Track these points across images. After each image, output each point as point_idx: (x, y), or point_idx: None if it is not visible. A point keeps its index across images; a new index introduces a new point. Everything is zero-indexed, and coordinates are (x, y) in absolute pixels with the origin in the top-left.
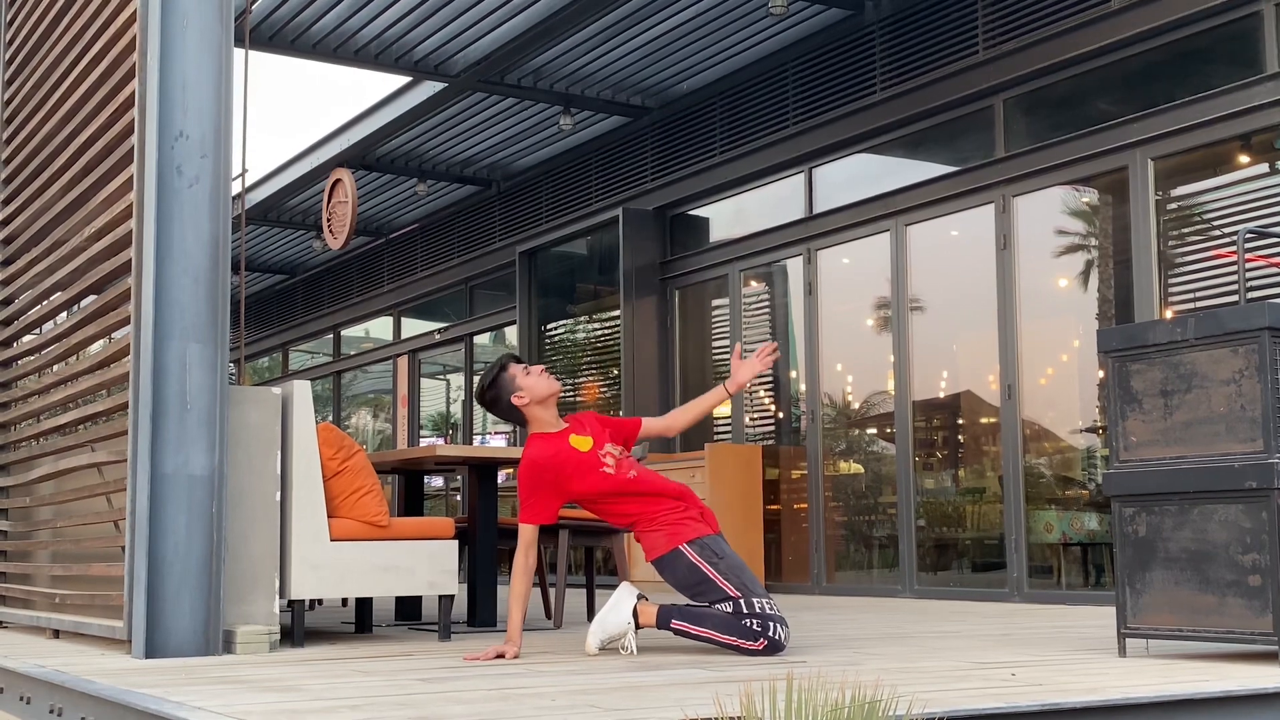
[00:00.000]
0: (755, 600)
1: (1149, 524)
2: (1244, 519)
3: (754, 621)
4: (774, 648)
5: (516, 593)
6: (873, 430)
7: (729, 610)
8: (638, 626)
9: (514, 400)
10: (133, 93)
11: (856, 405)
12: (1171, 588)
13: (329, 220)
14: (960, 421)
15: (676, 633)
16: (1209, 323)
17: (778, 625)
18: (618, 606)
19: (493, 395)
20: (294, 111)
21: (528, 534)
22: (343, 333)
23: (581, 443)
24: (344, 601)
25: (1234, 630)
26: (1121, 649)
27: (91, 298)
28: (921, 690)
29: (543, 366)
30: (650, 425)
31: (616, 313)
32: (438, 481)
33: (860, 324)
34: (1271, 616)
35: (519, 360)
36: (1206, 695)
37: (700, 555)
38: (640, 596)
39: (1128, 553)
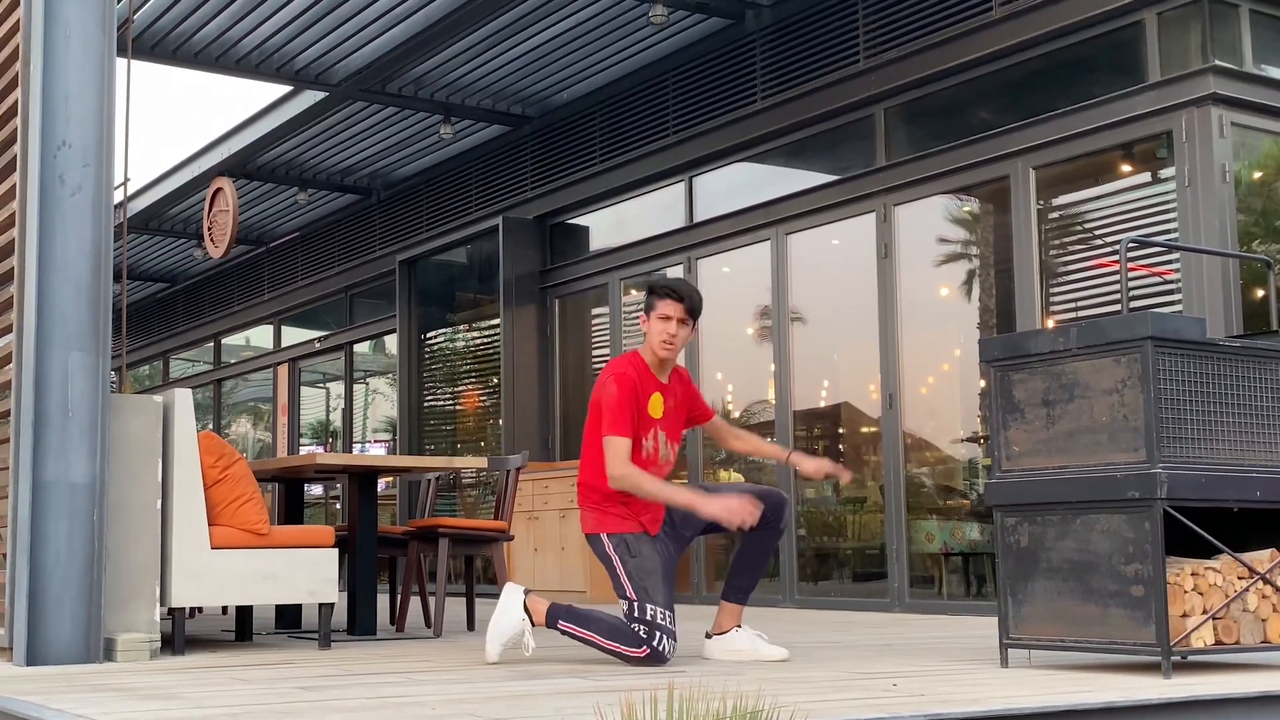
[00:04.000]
0: (649, 607)
1: (1031, 534)
2: (1126, 529)
3: (641, 628)
4: (655, 658)
5: (665, 490)
6: None
7: (622, 611)
8: (533, 623)
9: (643, 323)
10: (15, 101)
11: (737, 414)
12: (1054, 598)
13: (210, 229)
14: (841, 431)
15: (562, 633)
16: (1091, 332)
17: (665, 637)
18: (507, 610)
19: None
20: (175, 120)
21: (626, 448)
22: (223, 341)
23: (655, 407)
24: (224, 609)
25: (1117, 640)
26: (1004, 659)
27: None
28: (803, 700)
29: (671, 333)
30: (714, 427)
31: (496, 321)
32: (317, 489)
33: (741, 333)
34: (1154, 627)
35: (677, 300)
36: (1090, 706)
37: (615, 549)
38: (526, 592)
39: (1010, 563)
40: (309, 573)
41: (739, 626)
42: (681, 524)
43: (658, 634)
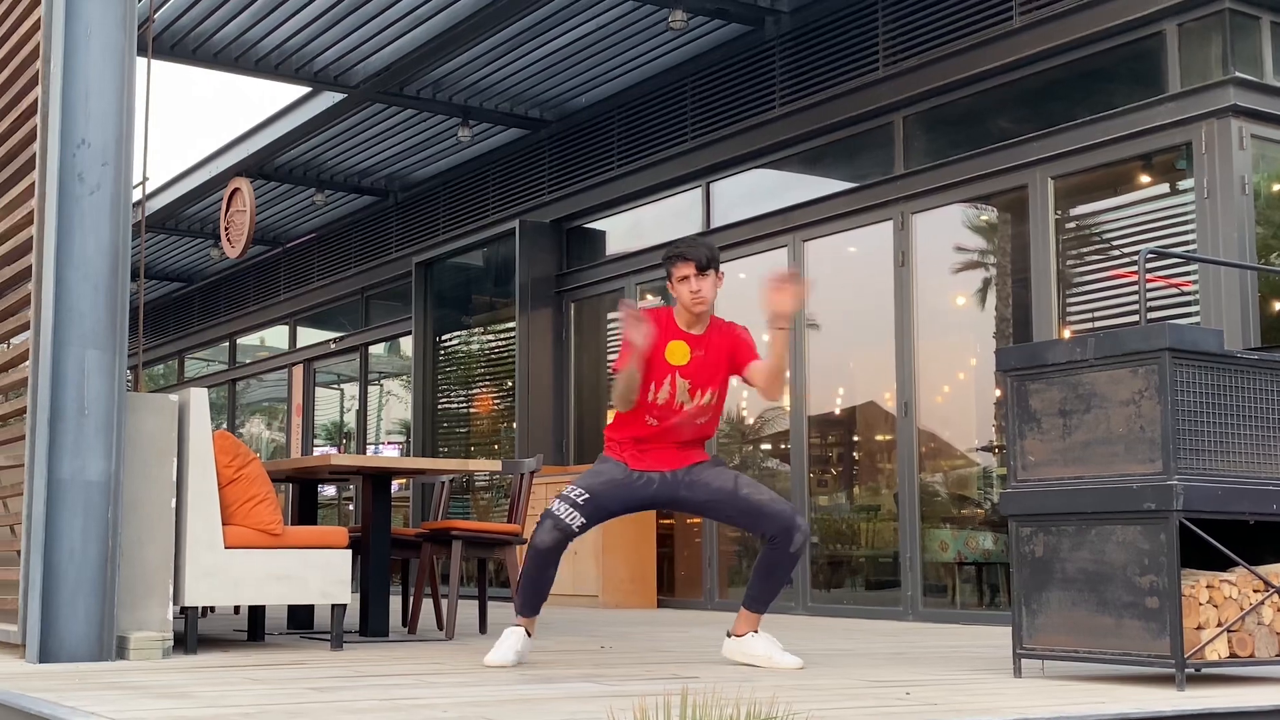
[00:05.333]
0: (569, 489)
1: (1046, 544)
2: (1142, 540)
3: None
4: (543, 515)
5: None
6: (767, 446)
7: None
8: (528, 632)
9: (671, 289)
10: (35, 100)
11: (751, 421)
12: (1068, 608)
13: (227, 229)
14: (856, 439)
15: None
16: (1109, 343)
17: (560, 503)
18: (502, 644)
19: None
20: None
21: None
22: (238, 341)
23: (675, 353)
24: (236, 609)
25: (1131, 652)
26: (1017, 669)
27: None
28: (816, 708)
29: (694, 289)
30: (750, 372)
31: (512, 325)
32: (330, 490)
33: (756, 339)
34: (1169, 639)
35: (686, 260)
36: (1103, 717)
37: (592, 465)
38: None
39: (1024, 573)
40: (322, 573)
41: (755, 632)
42: (674, 485)
43: (555, 501)
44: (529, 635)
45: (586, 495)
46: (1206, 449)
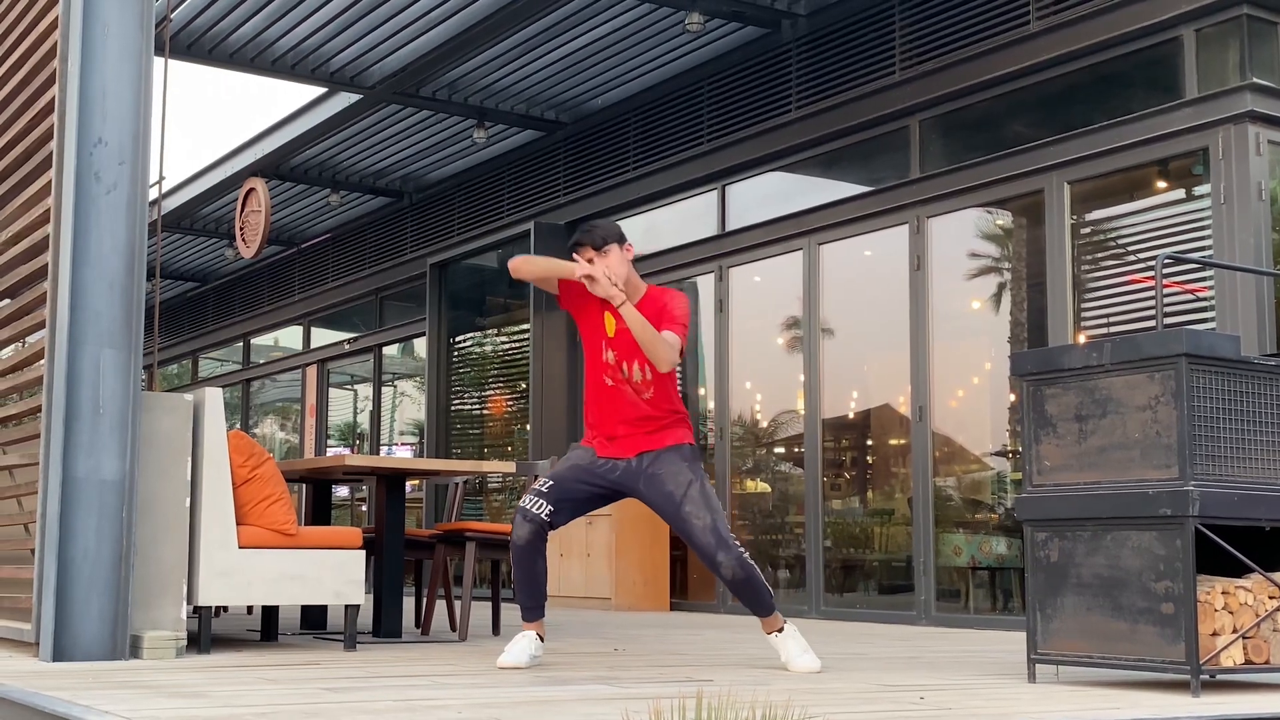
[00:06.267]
0: (538, 480)
1: (1061, 549)
2: (1158, 546)
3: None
4: (517, 511)
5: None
6: (781, 449)
7: None
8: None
9: (625, 249)
10: (53, 98)
11: (765, 424)
12: (1083, 614)
13: (242, 229)
14: (870, 442)
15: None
16: (1126, 348)
17: (528, 497)
18: (514, 646)
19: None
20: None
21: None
22: (252, 341)
23: (609, 325)
24: (250, 609)
25: (1146, 658)
26: (1031, 674)
27: (6, 301)
28: (831, 711)
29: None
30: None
31: (526, 326)
32: (344, 491)
33: (770, 342)
34: (1184, 645)
35: (580, 247)
36: None
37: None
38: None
39: (1039, 578)
40: (335, 574)
41: (780, 630)
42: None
43: (528, 496)
44: (540, 639)
45: (550, 483)
46: (1222, 455)
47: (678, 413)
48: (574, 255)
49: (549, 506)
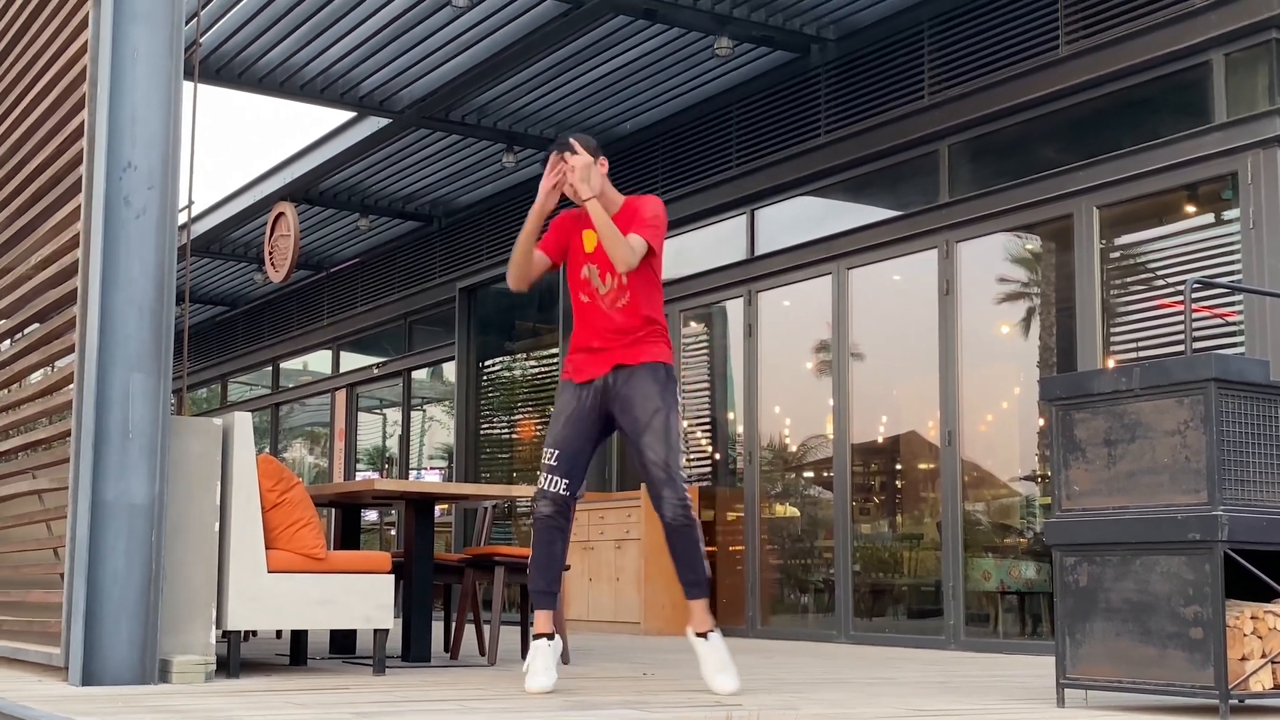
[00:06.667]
0: (545, 450)
1: (1090, 574)
2: (1186, 571)
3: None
4: (538, 495)
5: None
6: (810, 474)
7: None
8: (549, 637)
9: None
10: (82, 123)
11: (794, 448)
12: (1112, 639)
13: (271, 253)
14: (899, 467)
15: (534, 593)
16: (1155, 373)
17: (544, 475)
18: (534, 666)
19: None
20: (238, 144)
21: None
22: (281, 365)
23: (588, 241)
24: (278, 633)
25: (1175, 683)
26: (1060, 699)
27: (35, 325)
28: None
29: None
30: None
31: (555, 351)
32: (373, 515)
33: (800, 366)
34: (1213, 669)
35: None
36: None
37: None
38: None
39: (1068, 602)
40: (365, 598)
41: (708, 635)
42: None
43: (541, 474)
44: (550, 640)
45: (555, 452)
46: (1251, 479)
47: (655, 323)
48: (546, 166)
49: (564, 480)
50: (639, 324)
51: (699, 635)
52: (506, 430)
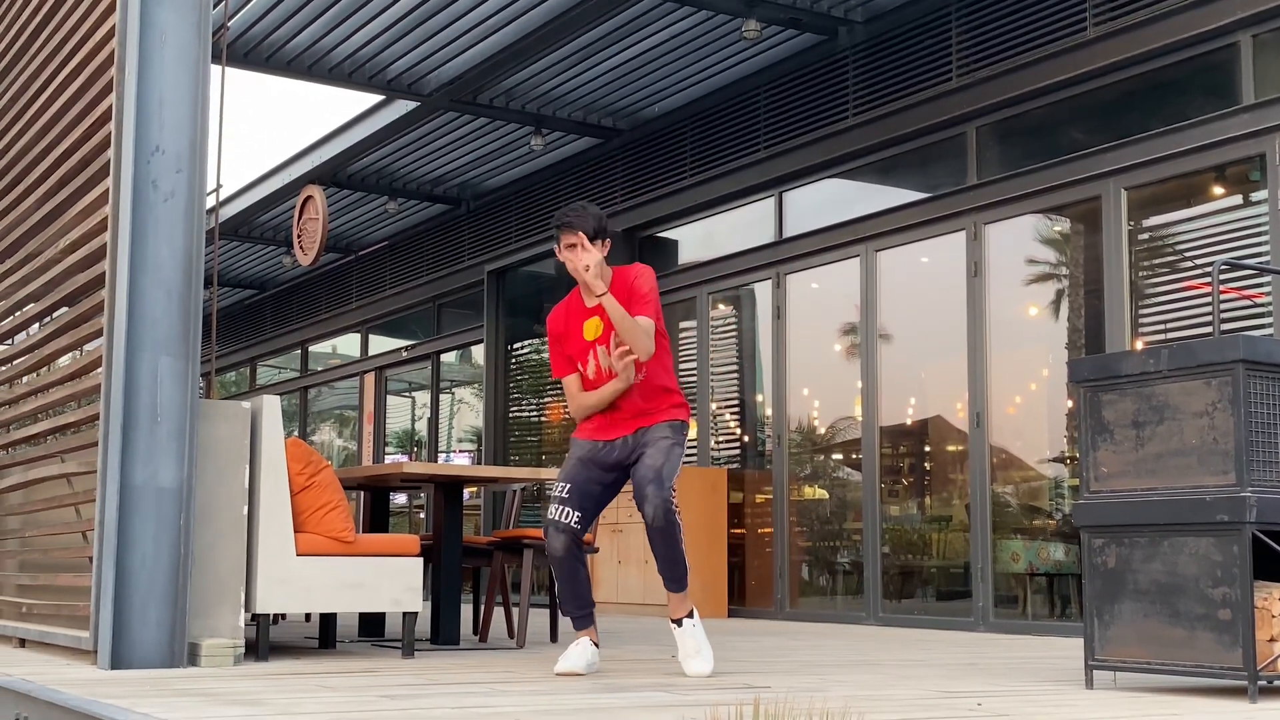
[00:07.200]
0: (556, 484)
1: (1119, 555)
2: (1215, 552)
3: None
4: (548, 525)
5: (604, 390)
6: (838, 456)
7: None
8: (594, 641)
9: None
10: (110, 107)
11: (822, 430)
12: (1140, 620)
13: (299, 237)
14: (927, 449)
15: (565, 605)
16: (1182, 354)
17: (554, 506)
18: (570, 653)
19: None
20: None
21: (571, 386)
22: (310, 349)
23: (590, 330)
24: (307, 616)
25: (1203, 664)
26: (1089, 680)
27: (64, 309)
28: (888, 718)
29: (572, 260)
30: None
31: None
32: (401, 498)
33: (828, 349)
34: (1241, 651)
35: (569, 229)
36: None
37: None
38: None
39: (1097, 584)
40: (393, 581)
41: (683, 621)
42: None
43: (552, 505)
44: (595, 645)
45: (568, 485)
46: (1279, 461)
47: (669, 391)
48: (559, 233)
49: (575, 513)
50: (656, 396)
51: (674, 621)
52: (535, 413)
